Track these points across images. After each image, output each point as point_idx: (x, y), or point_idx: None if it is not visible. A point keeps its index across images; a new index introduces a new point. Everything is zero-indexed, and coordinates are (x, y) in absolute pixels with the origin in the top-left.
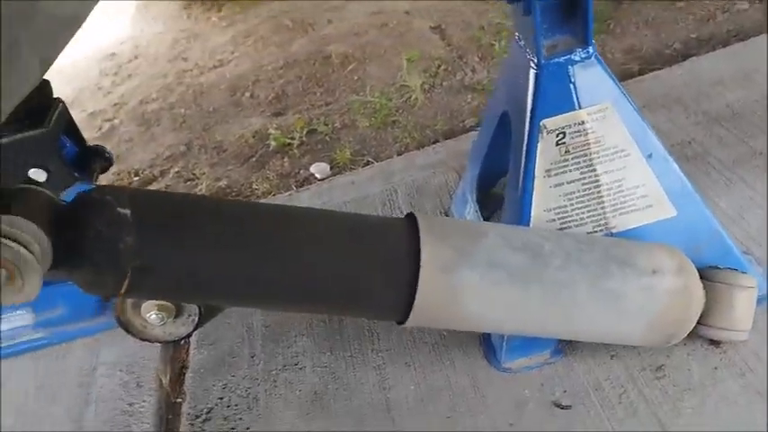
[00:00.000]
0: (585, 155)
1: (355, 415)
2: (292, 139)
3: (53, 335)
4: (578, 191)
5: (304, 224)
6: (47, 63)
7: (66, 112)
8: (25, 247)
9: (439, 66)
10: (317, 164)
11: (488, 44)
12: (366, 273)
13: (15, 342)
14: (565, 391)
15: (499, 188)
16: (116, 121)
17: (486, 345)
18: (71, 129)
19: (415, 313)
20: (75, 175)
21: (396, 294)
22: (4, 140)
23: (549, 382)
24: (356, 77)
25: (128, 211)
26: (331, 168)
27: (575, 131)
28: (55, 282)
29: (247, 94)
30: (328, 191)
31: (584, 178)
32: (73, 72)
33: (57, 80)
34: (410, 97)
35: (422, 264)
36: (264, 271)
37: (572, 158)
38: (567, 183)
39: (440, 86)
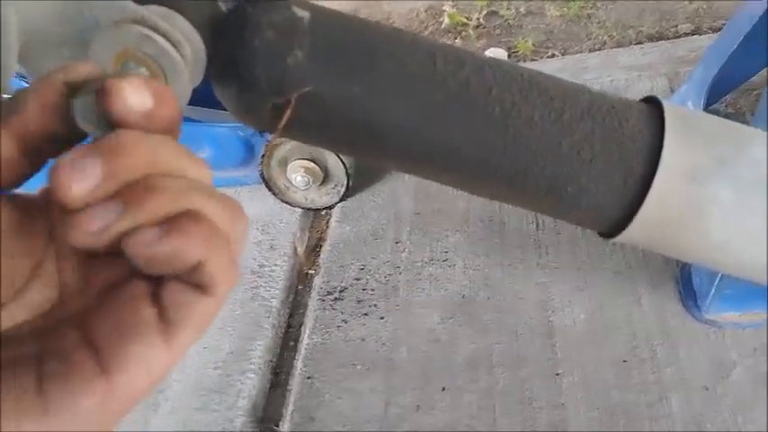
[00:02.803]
0: None
1: (508, 331)
2: (469, 19)
3: None
4: None
5: (521, 82)
6: None
7: None
8: (175, 47)
9: None
10: (493, 49)
11: None
12: (586, 160)
13: None
14: None
15: (723, 106)
16: None
17: (686, 287)
18: None
19: (635, 227)
20: None
21: (618, 196)
22: None
23: (765, 349)
24: None
25: (306, 14)
26: (509, 56)
27: None
28: (204, 121)
29: None
30: None
31: None
32: None
33: None
34: None
35: (661, 163)
36: (466, 131)
37: None
38: None
39: None
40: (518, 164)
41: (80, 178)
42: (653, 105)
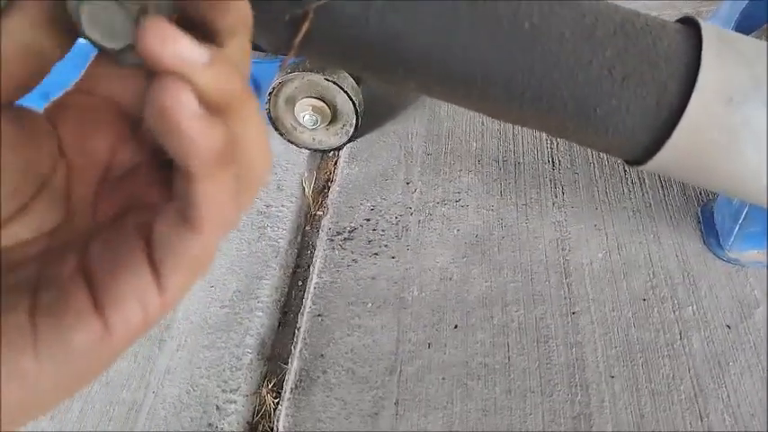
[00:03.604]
0: None
1: (522, 270)
2: None
3: None
4: None
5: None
6: None
7: None
8: None
9: None
10: None
11: None
12: (617, 80)
13: None
14: None
15: None
16: None
17: (707, 225)
18: None
19: (666, 153)
20: None
21: (650, 118)
22: None
23: None
24: None
25: None
26: None
27: None
28: None
29: None
30: None
31: None
32: None
33: None
34: None
35: (698, 83)
36: (493, 47)
37: None
38: None
39: None
40: (546, 83)
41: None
42: (689, 25)
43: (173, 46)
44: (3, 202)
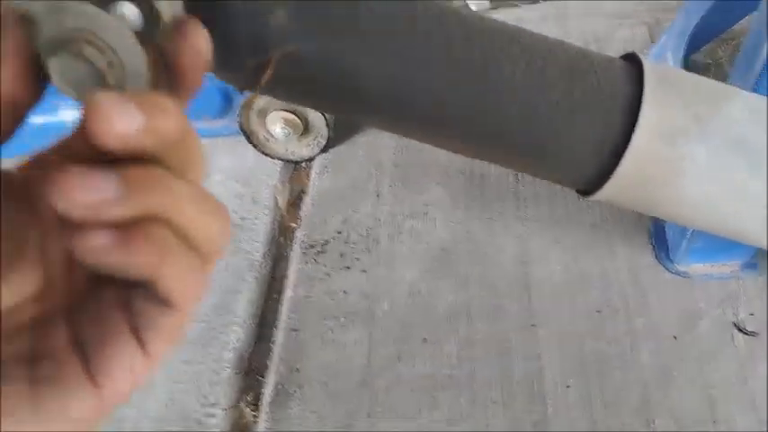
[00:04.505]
0: None
1: (486, 283)
2: None
3: None
4: None
5: (503, 39)
6: None
7: None
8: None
9: None
10: None
11: None
12: (566, 119)
13: None
14: (752, 314)
15: (702, 55)
16: None
17: (658, 239)
18: None
19: (612, 185)
20: None
21: (596, 155)
22: None
23: (732, 300)
24: None
25: None
26: (491, 0)
27: None
28: None
29: None
30: None
31: None
32: None
33: None
34: None
35: (639, 123)
36: (448, 88)
37: None
38: None
39: None
40: (498, 122)
41: (124, 117)
42: (633, 63)
43: (113, 129)
44: None
